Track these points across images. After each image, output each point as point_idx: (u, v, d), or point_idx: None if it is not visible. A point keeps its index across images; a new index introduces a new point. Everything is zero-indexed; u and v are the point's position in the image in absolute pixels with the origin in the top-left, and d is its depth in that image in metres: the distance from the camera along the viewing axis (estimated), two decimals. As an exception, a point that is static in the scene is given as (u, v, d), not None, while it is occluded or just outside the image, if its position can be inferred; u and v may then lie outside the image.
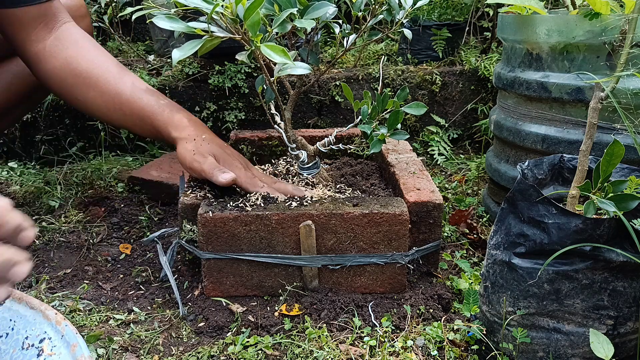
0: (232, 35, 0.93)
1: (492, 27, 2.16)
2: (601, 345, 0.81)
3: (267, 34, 0.96)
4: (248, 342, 1.00)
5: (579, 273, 0.83)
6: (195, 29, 0.91)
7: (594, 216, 0.83)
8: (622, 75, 0.87)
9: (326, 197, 1.15)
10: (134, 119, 1.24)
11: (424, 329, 1.02)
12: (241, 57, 0.95)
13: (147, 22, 2.25)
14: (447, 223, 1.44)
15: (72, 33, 1.27)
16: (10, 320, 0.71)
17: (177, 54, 0.89)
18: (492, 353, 0.92)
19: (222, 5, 0.89)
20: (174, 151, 1.91)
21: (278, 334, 1.02)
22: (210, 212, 1.07)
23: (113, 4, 2.02)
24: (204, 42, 0.92)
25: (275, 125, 1.25)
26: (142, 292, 1.19)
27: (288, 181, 1.25)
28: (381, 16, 1.12)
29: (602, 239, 0.81)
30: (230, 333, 1.03)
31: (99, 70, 1.25)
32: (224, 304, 1.10)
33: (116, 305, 1.14)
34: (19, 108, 1.51)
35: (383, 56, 1.86)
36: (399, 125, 1.13)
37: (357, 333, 1.02)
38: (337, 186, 1.27)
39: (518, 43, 1.32)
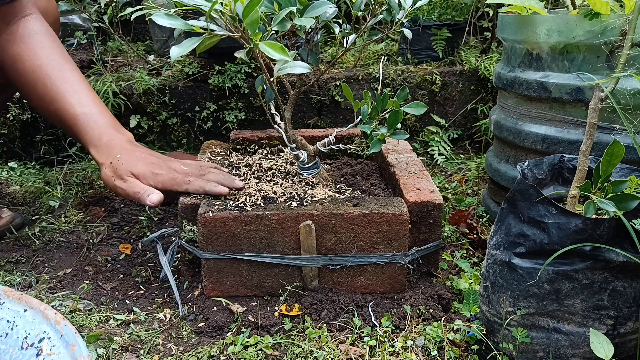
0: (231, 34, 0.93)
1: (492, 27, 2.16)
2: (601, 345, 0.81)
3: (267, 32, 0.96)
4: (248, 342, 1.00)
5: (579, 273, 0.83)
6: (194, 26, 0.91)
7: (594, 216, 0.83)
8: (621, 76, 0.87)
9: (326, 197, 1.15)
10: (67, 129, 1.24)
11: (424, 329, 1.02)
12: (240, 54, 0.95)
13: (146, 21, 2.26)
14: (447, 223, 1.44)
15: (26, 27, 1.24)
16: (10, 320, 0.71)
17: (176, 51, 0.89)
18: (492, 353, 0.92)
19: (221, 3, 0.89)
20: (173, 151, 1.92)
21: (278, 334, 1.02)
22: (210, 212, 1.07)
23: (113, 4, 2.02)
24: (202, 39, 0.92)
25: (275, 125, 1.25)
26: (142, 292, 1.19)
27: (288, 181, 1.25)
28: (381, 16, 1.12)
29: (602, 239, 0.81)
30: (230, 333, 1.03)
31: (40, 74, 1.22)
32: (224, 304, 1.10)
33: (116, 305, 1.14)
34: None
35: (383, 56, 1.86)
36: (399, 125, 1.13)
37: (357, 333, 1.02)
38: (337, 186, 1.27)
39: (518, 43, 1.32)
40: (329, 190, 1.21)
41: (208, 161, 1.36)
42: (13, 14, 1.24)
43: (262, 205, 1.10)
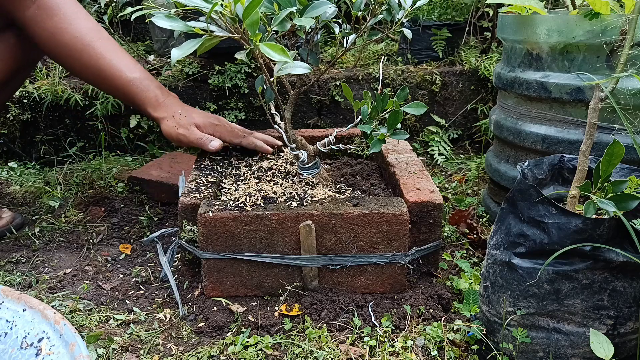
0: (231, 35, 0.93)
1: (492, 27, 2.15)
2: (601, 345, 0.81)
3: (267, 33, 0.96)
4: (248, 342, 1.00)
5: (579, 273, 0.83)
6: (195, 28, 0.91)
7: (594, 216, 0.83)
8: (621, 77, 0.87)
9: (326, 197, 1.15)
10: (118, 93, 1.33)
11: (424, 329, 1.02)
12: (240, 55, 0.95)
13: (147, 22, 2.26)
14: (447, 223, 1.44)
15: (54, 2, 1.26)
16: (9, 319, 0.71)
17: (177, 53, 0.89)
18: (492, 353, 0.92)
19: (221, 4, 0.89)
20: (173, 151, 1.91)
21: (278, 334, 1.02)
22: (210, 212, 1.07)
23: (113, 4, 2.02)
24: (202, 41, 0.92)
25: (275, 125, 1.25)
26: (142, 292, 1.19)
27: (288, 181, 1.25)
28: (381, 16, 1.12)
29: (602, 239, 0.81)
30: (230, 333, 1.03)
31: (81, 44, 1.26)
32: (224, 304, 1.10)
33: (116, 305, 1.14)
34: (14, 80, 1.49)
35: (383, 56, 1.86)
36: (399, 125, 1.12)
37: (357, 333, 1.02)
38: (337, 186, 1.27)
39: (518, 43, 1.32)
40: (329, 190, 1.21)
41: (208, 161, 1.36)
42: None
43: (262, 205, 1.10)
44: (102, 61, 1.28)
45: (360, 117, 1.14)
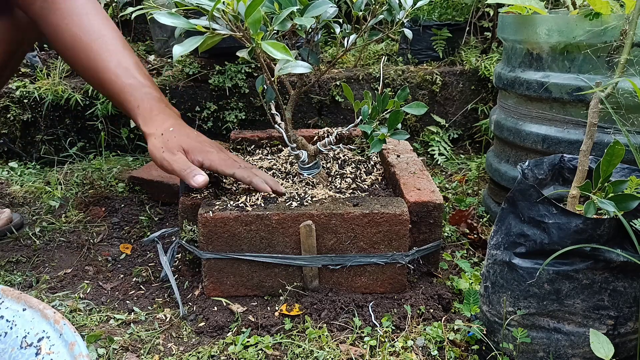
0: (233, 33, 0.93)
1: (492, 27, 2.16)
2: (601, 345, 0.81)
3: (268, 32, 0.96)
4: (248, 342, 1.00)
5: (579, 273, 0.83)
6: (197, 25, 0.91)
7: (594, 216, 0.83)
8: (617, 82, 0.87)
9: (326, 197, 1.15)
10: (115, 99, 1.18)
11: (424, 329, 1.02)
12: (242, 53, 0.96)
13: (147, 21, 2.25)
14: (447, 223, 1.44)
15: None
16: (9, 319, 0.71)
17: (179, 50, 0.89)
18: (493, 353, 0.92)
19: (224, 2, 0.89)
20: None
21: (278, 334, 1.02)
22: (210, 212, 1.07)
23: (113, 4, 2.02)
24: (205, 38, 0.92)
25: (276, 125, 1.25)
26: (143, 292, 1.19)
27: (288, 181, 1.25)
28: (381, 16, 1.12)
29: (603, 239, 0.81)
30: (230, 333, 1.03)
31: (81, 44, 1.16)
32: (224, 304, 1.10)
33: (116, 305, 1.14)
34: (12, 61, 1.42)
35: (383, 56, 1.86)
36: (399, 125, 1.12)
37: (357, 333, 1.02)
38: (338, 186, 1.27)
39: (518, 43, 1.32)
40: (329, 190, 1.21)
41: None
42: None
43: (263, 205, 1.10)
44: (99, 63, 1.17)
45: (360, 117, 1.14)
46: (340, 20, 1.15)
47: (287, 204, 1.10)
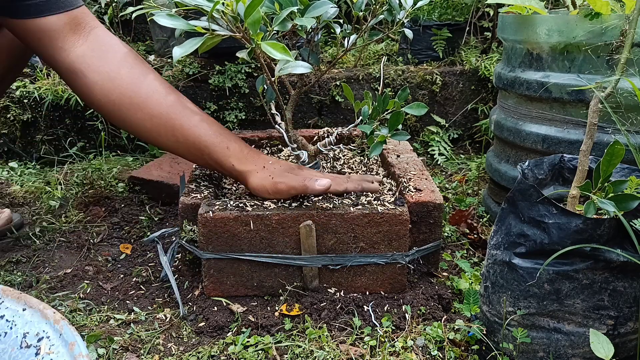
0: (232, 34, 0.93)
1: (492, 27, 2.16)
2: (601, 345, 0.81)
3: (268, 32, 0.96)
4: (248, 342, 1.00)
5: (579, 273, 0.83)
6: (196, 26, 0.91)
7: (594, 216, 0.83)
8: (617, 82, 0.87)
9: (326, 196, 1.15)
10: (189, 147, 1.13)
11: (424, 329, 1.02)
12: (241, 54, 0.95)
13: (147, 21, 2.26)
14: (447, 223, 1.44)
15: (105, 42, 1.12)
16: (9, 319, 0.71)
17: (178, 51, 0.89)
18: (493, 353, 0.92)
19: (223, 3, 0.89)
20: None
21: (278, 334, 1.02)
22: (210, 212, 1.07)
23: (113, 4, 2.02)
24: (204, 39, 0.92)
25: (276, 125, 1.25)
26: (143, 292, 1.19)
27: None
28: (382, 16, 1.12)
29: (603, 239, 0.81)
30: (230, 333, 1.03)
31: (146, 90, 1.10)
32: (224, 304, 1.10)
33: (116, 305, 1.14)
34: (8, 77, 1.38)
35: (383, 56, 1.86)
36: (400, 126, 1.12)
37: (357, 333, 1.02)
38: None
39: (518, 43, 1.32)
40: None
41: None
42: (82, 24, 1.09)
43: (263, 205, 1.10)
44: (173, 109, 1.11)
45: (361, 117, 1.14)
46: (341, 21, 1.15)
47: (287, 204, 1.10)
